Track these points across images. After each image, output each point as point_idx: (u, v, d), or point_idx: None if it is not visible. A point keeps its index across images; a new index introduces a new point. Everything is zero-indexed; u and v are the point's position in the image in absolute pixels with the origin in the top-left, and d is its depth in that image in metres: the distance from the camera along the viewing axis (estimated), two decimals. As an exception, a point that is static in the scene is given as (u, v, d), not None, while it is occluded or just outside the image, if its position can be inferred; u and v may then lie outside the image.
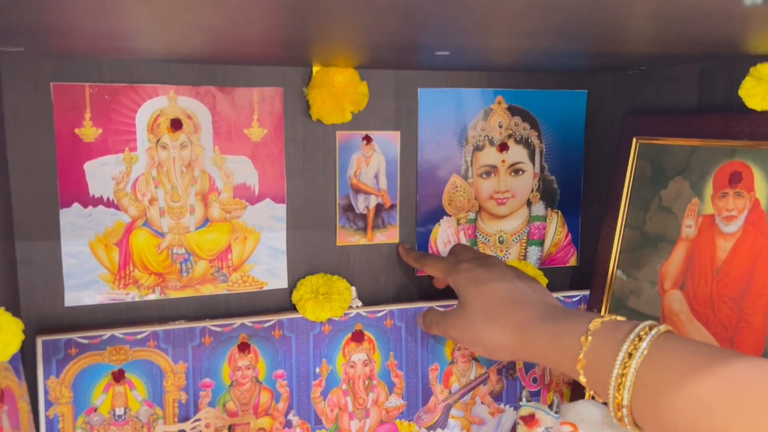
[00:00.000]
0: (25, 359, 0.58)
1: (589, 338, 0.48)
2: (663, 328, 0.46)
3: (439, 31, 0.42)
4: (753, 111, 0.56)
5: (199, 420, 0.63)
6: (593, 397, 0.65)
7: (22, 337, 0.41)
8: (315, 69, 0.65)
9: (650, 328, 0.46)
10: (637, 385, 0.44)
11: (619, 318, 0.49)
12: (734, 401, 0.39)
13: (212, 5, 0.33)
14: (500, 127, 0.73)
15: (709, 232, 0.61)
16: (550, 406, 0.60)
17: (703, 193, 0.62)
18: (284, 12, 0.35)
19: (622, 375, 0.44)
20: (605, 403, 0.59)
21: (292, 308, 0.68)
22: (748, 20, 0.38)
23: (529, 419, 0.59)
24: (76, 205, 0.61)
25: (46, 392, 0.60)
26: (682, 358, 0.43)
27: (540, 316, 0.53)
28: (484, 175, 0.74)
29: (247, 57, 0.59)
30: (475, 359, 0.73)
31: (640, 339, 0.45)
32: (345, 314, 0.68)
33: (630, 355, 0.45)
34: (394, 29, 0.41)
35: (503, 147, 0.74)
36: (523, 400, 0.61)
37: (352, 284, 0.70)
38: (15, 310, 0.56)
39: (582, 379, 0.48)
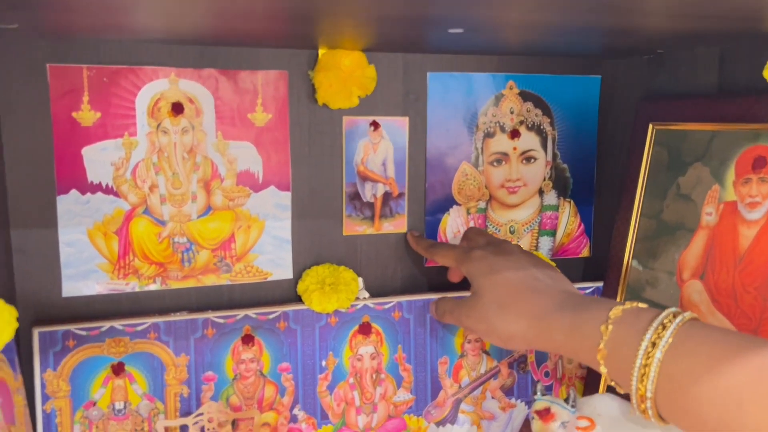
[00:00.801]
0: (21, 351, 0.56)
1: (610, 327, 0.46)
2: (688, 315, 0.44)
3: (454, 2, 0.40)
4: (778, 92, 0.54)
5: (201, 415, 0.61)
6: (610, 389, 0.63)
7: (15, 325, 0.39)
8: (321, 52, 0.63)
9: (674, 316, 0.44)
10: (661, 376, 0.42)
11: (640, 305, 0.47)
12: (765, 391, 0.37)
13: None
14: (512, 113, 0.71)
15: (731, 219, 0.58)
16: (566, 400, 0.58)
17: (724, 180, 0.59)
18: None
19: (646, 365, 0.42)
20: (623, 396, 0.56)
21: (298, 299, 0.66)
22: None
23: (545, 413, 0.57)
24: (73, 192, 0.59)
25: (42, 385, 0.58)
26: (709, 347, 0.41)
27: (557, 304, 0.51)
28: (494, 163, 0.72)
29: (251, 38, 0.57)
30: (486, 352, 0.71)
31: (664, 327, 0.43)
32: (352, 306, 0.66)
33: (653, 344, 0.42)
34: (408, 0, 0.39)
35: (515, 134, 0.72)
36: (538, 393, 0.59)
37: (359, 275, 0.68)
38: (11, 301, 0.54)
39: (602, 370, 0.46)
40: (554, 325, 0.50)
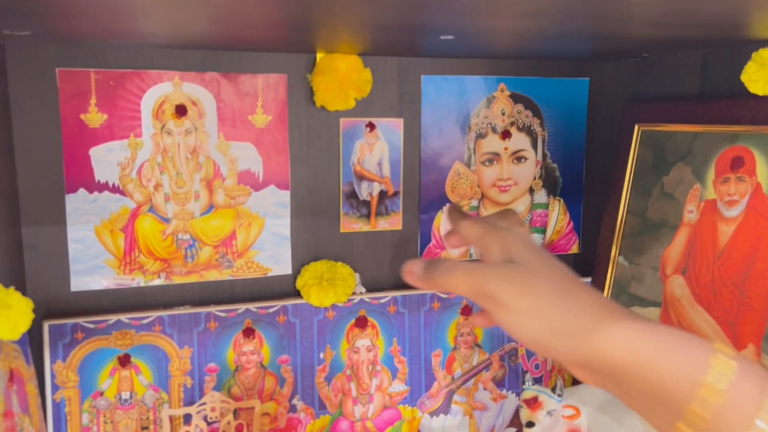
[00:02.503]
0: (32, 344, 0.58)
1: (732, 362, 0.32)
2: None
3: (444, 12, 0.42)
4: (755, 96, 0.56)
5: (204, 404, 0.63)
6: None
7: (31, 316, 0.42)
8: (319, 56, 0.65)
9: None
10: None
11: (733, 353, 0.34)
12: None
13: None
14: (503, 114, 0.74)
15: (710, 217, 0.61)
16: (553, 390, 0.60)
17: (705, 179, 0.62)
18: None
19: None
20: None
21: (297, 294, 0.69)
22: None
23: (532, 402, 0.59)
24: (81, 191, 0.62)
25: (52, 376, 0.60)
26: None
27: (631, 317, 0.36)
28: (486, 163, 0.74)
29: (252, 42, 0.59)
30: (478, 345, 0.74)
31: None
32: (349, 300, 0.69)
33: None
34: (400, 10, 0.41)
35: (506, 134, 0.74)
36: (527, 383, 0.61)
37: (355, 271, 0.70)
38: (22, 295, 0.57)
39: (695, 406, 0.32)
40: (645, 335, 0.35)
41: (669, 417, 0.33)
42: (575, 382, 0.76)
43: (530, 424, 0.59)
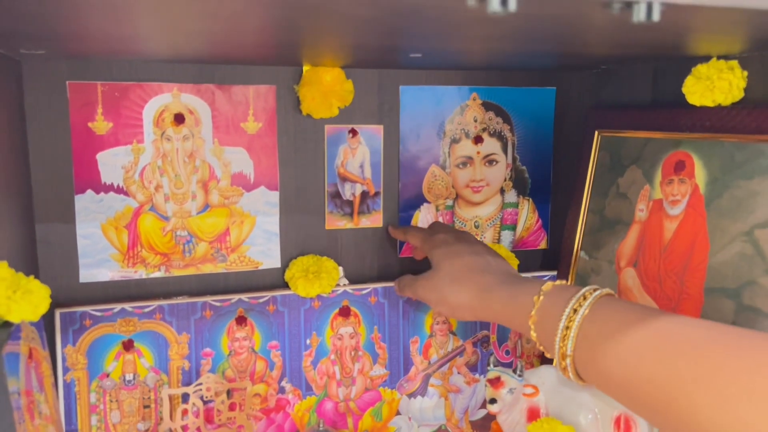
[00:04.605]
0: (45, 329, 0.64)
1: (541, 297, 0.54)
2: (605, 291, 0.52)
3: (406, 37, 0.49)
4: (694, 106, 0.63)
5: (200, 385, 0.70)
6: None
7: (49, 301, 0.48)
8: (305, 68, 0.72)
9: (594, 290, 0.52)
10: (579, 337, 0.50)
11: (567, 283, 0.56)
12: (660, 348, 0.45)
13: (212, 16, 0.40)
14: (475, 121, 0.80)
15: (657, 215, 0.67)
16: (515, 370, 0.67)
17: (653, 180, 0.69)
18: (275, 21, 0.42)
19: (567, 327, 0.50)
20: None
21: (285, 285, 0.75)
22: (649, 30, 0.44)
23: (495, 381, 0.66)
24: (89, 192, 0.68)
25: (63, 359, 0.67)
26: (619, 315, 0.49)
27: (500, 281, 0.60)
28: (460, 165, 0.81)
29: (244, 58, 0.65)
30: (453, 333, 0.80)
31: (585, 298, 0.51)
32: (333, 291, 0.75)
33: (575, 311, 0.51)
34: (369, 35, 0.47)
35: (478, 139, 0.81)
36: (491, 365, 0.68)
37: (339, 264, 0.77)
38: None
39: (533, 334, 0.54)
40: (496, 297, 0.59)
41: (524, 331, 0.56)
42: (543, 362, 0.82)
43: (493, 401, 0.65)
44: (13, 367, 0.45)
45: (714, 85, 0.60)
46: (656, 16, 0.30)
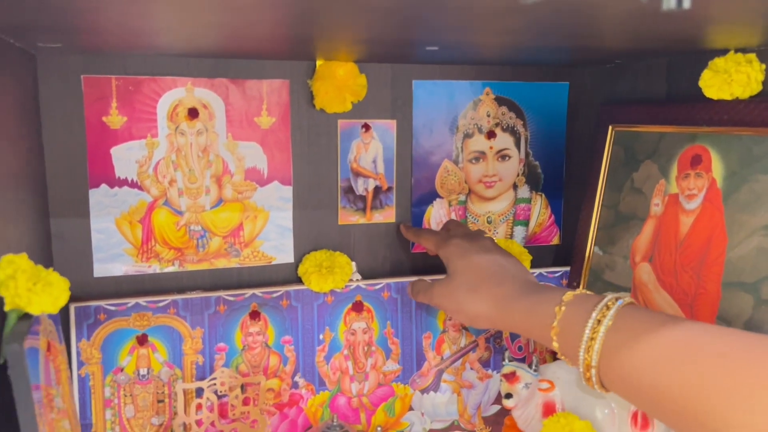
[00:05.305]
0: (60, 324, 0.65)
1: (563, 308, 0.52)
2: (627, 299, 0.51)
3: (425, 29, 0.48)
4: (711, 100, 0.63)
5: (214, 379, 0.70)
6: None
7: (68, 293, 0.48)
8: (318, 63, 0.72)
9: (616, 300, 0.50)
10: (604, 348, 0.48)
11: (588, 291, 0.54)
12: (685, 357, 0.44)
13: (230, 8, 0.40)
14: (488, 116, 0.80)
15: (673, 209, 0.67)
16: (530, 366, 0.66)
17: (669, 175, 0.68)
18: (296, 13, 0.42)
19: (592, 339, 0.49)
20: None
21: (298, 280, 0.75)
22: (682, 20, 0.44)
23: (511, 376, 0.66)
24: (103, 186, 0.68)
25: (78, 353, 0.67)
26: (643, 325, 0.48)
27: (519, 290, 0.58)
28: (473, 161, 0.80)
29: (258, 52, 0.65)
30: (465, 328, 0.80)
31: (608, 308, 0.50)
32: (346, 286, 0.75)
33: (599, 321, 0.49)
34: (386, 27, 0.47)
35: (491, 134, 0.80)
36: (506, 360, 0.68)
37: (352, 259, 0.77)
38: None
39: (554, 345, 0.53)
40: (515, 307, 0.57)
41: (545, 342, 0.55)
42: (557, 357, 0.82)
43: (508, 396, 0.65)
44: (33, 361, 0.45)
45: (732, 78, 0.60)
46: (687, 4, 0.30)
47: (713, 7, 0.36)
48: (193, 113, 0.70)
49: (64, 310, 0.66)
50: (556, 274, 0.82)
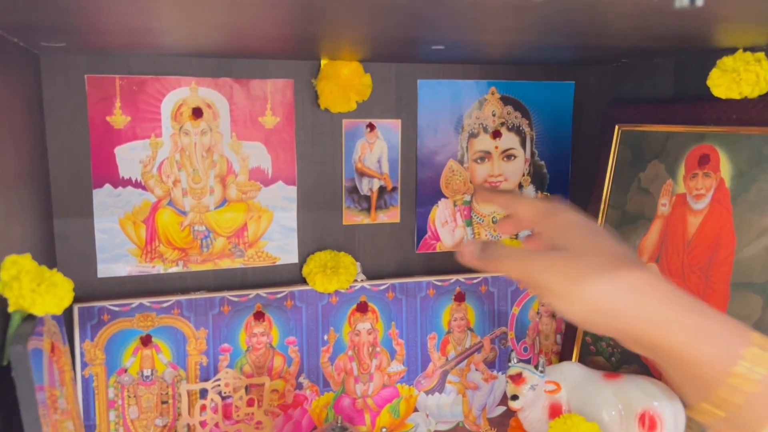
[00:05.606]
0: (64, 325, 0.64)
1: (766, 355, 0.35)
2: None
3: (431, 27, 0.48)
4: (719, 99, 0.62)
5: (218, 380, 0.69)
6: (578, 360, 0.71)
7: (73, 294, 0.47)
8: (323, 62, 0.71)
9: None
10: None
11: None
12: None
13: (236, 6, 0.40)
14: (494, 115, 0.80)
15: (681, 209, 0.67)
16: (536, 367, 0.66)
17: (676, 175, 0.68)
18: (297, 12, 0.42)
19: None
20: (586, 364, 0.64)
21: (303, 281, 0.74)
22: (691, 18, 0.44)
23: (517, 378, 0.65)
24: (107, 186, 0.68)
25: (82, 354, 0.67)
26: None
27: (683, 300, 0.39)
28: (478, 160, 0.80)
29: (262, 52, 0.65)
30: (470, 329, 0.80)
31: None
32: (351, 287, 0.75)
33: None
34: (392, 26, 0.47)
35: (496, 134, 0.80)
36: (513, 361, 0.67)
37: (357, 260, 0.76)
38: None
39: (731, 394, 0.35)
40: (680, 319, 0.38)
41: (697, 394, 0.37)
42: (563, 358, 0.82)
43: (515, 397, 0.65)
44: (37, 362, 0.45)
45: (740, 77, 0.59)
46: (700, 1, 0.30)
47: (725, 5, 0.36)
48: (197, 113, 0.69)
49: (68, 311, 0.66)
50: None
